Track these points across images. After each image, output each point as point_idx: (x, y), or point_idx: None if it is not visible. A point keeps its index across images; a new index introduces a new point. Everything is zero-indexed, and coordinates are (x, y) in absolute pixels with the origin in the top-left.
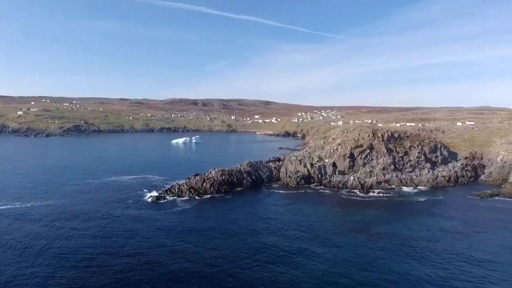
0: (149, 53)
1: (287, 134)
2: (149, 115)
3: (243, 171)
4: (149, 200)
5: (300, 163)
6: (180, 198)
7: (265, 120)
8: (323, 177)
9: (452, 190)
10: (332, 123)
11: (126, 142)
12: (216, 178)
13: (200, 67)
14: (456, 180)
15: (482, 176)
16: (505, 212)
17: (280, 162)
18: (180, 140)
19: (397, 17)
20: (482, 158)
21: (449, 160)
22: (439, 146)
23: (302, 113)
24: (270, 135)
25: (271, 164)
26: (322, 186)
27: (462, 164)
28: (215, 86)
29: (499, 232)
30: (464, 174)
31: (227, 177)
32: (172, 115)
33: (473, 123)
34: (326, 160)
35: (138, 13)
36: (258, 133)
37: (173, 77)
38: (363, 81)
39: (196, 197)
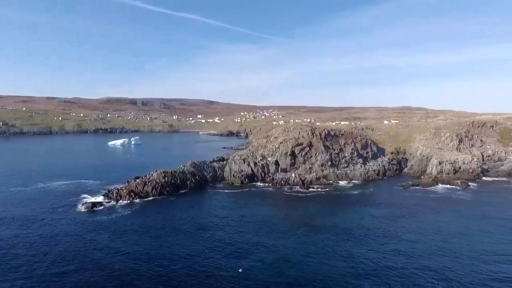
0: (80, 48)
1: (230, 134)
2: (81, 115)
3: (186, 172)
4: (83, 208)
5: (244, 162)
6: (120, 203)
7: (208, 120)
8: (267, 175)
9: (381, 182)
10: (274, 122)
11: (55, 145)
12: (158, 180)
13: (138, 65)
14: (384, 173)
15: (405, 168)
16: (424, 199)
17: (224, 162)
18: (118, 142)
19: (333, 23)
20: (405, 153)
21: (378, 155)
22: (369, 143)
23: (245, 113)
24: (214, 134)
25: (215, 164)
26: (265, 184)
27: (389, 159)
28: (156, 85)
29: (419, 216)
30: (391, 167)
31: (170, 178)
32: (109, 115)
33: (397, 121)
34: (269, 159)
35: (66, 3)
36: (201, 133)
37: (109, 75)
38: (302, 82)
39: (137, 201)
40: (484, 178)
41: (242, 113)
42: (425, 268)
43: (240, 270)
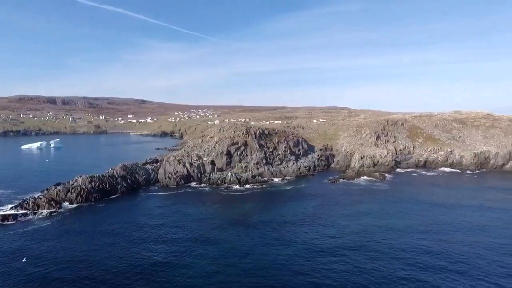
0: None
1: (164, 134)
2: None
3: (116, 175)
4: None
5: (179, 163)
6: (38, 215)
7: (140, 120)
8: (203, 175)
9: (312, 177)
10: (210, 122)
11: None
12: (84, 186)
13: (58, 60)
14: (314, 169)
15: (332, 164)
16: (349, 191)
17: (158, 163)
18: (34, 145)
19: (267, 26)
20: (332, 149)
21: (309, 152)
22: (301, 141)
23: (179, 112)
24: (146, 135)
25: (148, 166)
26: (202, 184)
27: (318, 155)
28: (79, 83)
29: (346, 205)
30: (320, 163)
31: (97, 183)
32: (21, 115)
33: (324, 120)
34: (205, 159)
35: None
36: (132, 133)
37: (21, 70)
38: (237, 82)
39: (59, 211)
40: (397, 169)
41: (176, 113)
42: (350, 246)
43: (180, 270)
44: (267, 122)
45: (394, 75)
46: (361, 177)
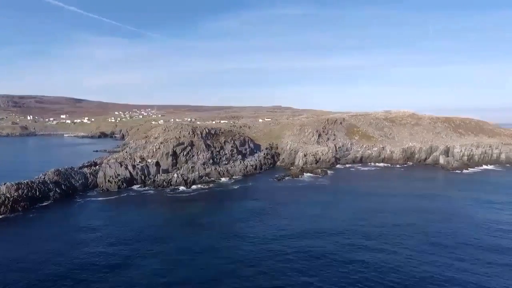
0: None
1: (103, 135)
2: None
3: (48, 181)
4: None
5: (121, 166)
6: None
7: (75, 120)
8: (147, 177)
9: (258, 176)
10: (153, 122)
11: None
12: (9, 195)
13: None
14: (261, 168)
15: (278, 162)
16: (294, 187)
17: (97, 167)
18: None
19: (211, 24)
20: (277, 148)
21: (255, 151)
22: (247, 140)
23: (120, 112)
24: (83, 137)
25: (85, 169)
26: (146, 187)
27: (264, 154)
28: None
29: (291, 201)
30: (266, 162)
31: (25, 191)
32: None
33: (270, 119)
34: (149, 160)
35: None
36: (66, 135)
37: None
38: (182, 81)
39: None
40: (337, 165)
41: (117, 113)
42: (297, 237)
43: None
44: (214, 122)
45: (333, 77)
46: (305, 173)
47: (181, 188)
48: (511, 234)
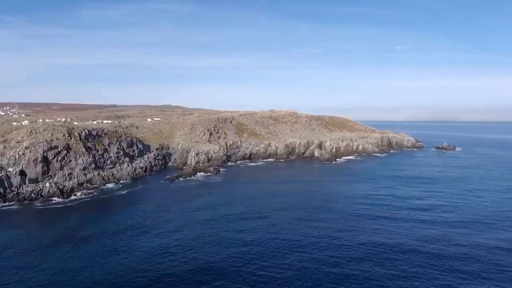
0: None
1: None
2: None
3: None
4: None
5: None
6: None
7: None
8: (8, 190)
9: (149, 178)
10: (15, 123)
11: None
12: None
13: None
14: (151, 169)
15: (170, 162)
16: (187, 187)
17: None
18: None
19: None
20: (168, 148)
21: (144, 152)
22: (135, 141)
23: None
24: None
25: None
26: (6, 203)
27: (154, 155)
28: None
29: (184, 203)
30: (157, 163)
31: None
32: None
33: (159, 119)
34: (10, 169)
35: None
36: None
37: None
38: (52, 75)
39: None
40: (228, 163)
41: None
42: (191, 238)
43: None
44: (95, 122)
45: (221, 76)
46: (198, 173)
47: (56, 199)
48: (362, 202)
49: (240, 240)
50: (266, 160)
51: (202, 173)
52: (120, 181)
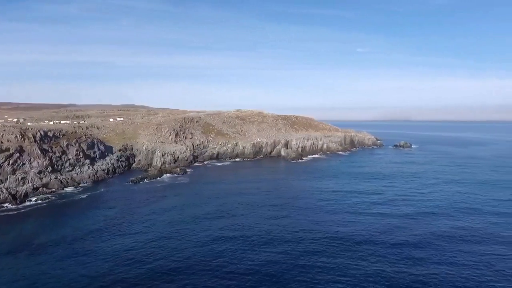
0: None
1: None
2: None
3: None
4: None
5: None
6: None
7: None
8: None
9: (111, 180)
10: None
11: None
12: None
13: None
14: (114, 171)
15: (134, 164)
16: (153, 189)
17: None
18: None
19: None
20: (132, 149)
21: (106, 154)
22: (96, 142)
23: None
24: None
25: None
26: None
27: (117, 156)
28: None
29: (150, 205)
30: (120, 164)
31: None
32: None
33: (122, 119)
34: None
35: None
36: None
37: None
38: (1, 73)
39: None
40: (195, 163)
41: None
42: (158, 240)
43: None
44: (51, 122)
45: (187, 76)
46: (164, 174)
47: (8, 205)
48: (327, 198)
49: (207, 239)
50: (233, 160)
51: (168, 174)
52: (80, 185)
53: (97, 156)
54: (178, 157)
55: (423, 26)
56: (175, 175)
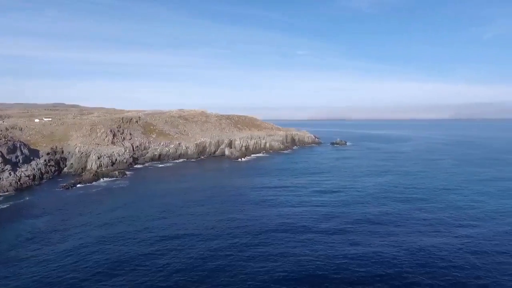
0: None
1: None
2: None
3: None
4: None
5: None
6: None
7: None
8: None
9: (39, 187)
10: None
11: None
12: None
13: None
14: (41, 177)
15: (65, 168)
16: (87, 194)
17: None
18: None
19: None
20: (63, 152)
21: (32, 158)
22: (18, 145)
23: None
24: None
25: None
26: None
27: (45, 160)
28: None
29: (84, 212)
30: (49, 169)
31: None
32: None
33: (50, 119)
34: None
35: None
36: None
37: None
38: None
39: None
40: (136, 165)
41: None
42: (93, 251)
43: None
44: None
45: (124, 73)
46: (101, 178)
47: None
48: (269, 193)
49: (148, 239)
50: (176, 160)
51: (105, 178)
52: (0, 194)
53: (20, 161)
54: (116, 159)
55: (355, 33)
56: (113, 178)
